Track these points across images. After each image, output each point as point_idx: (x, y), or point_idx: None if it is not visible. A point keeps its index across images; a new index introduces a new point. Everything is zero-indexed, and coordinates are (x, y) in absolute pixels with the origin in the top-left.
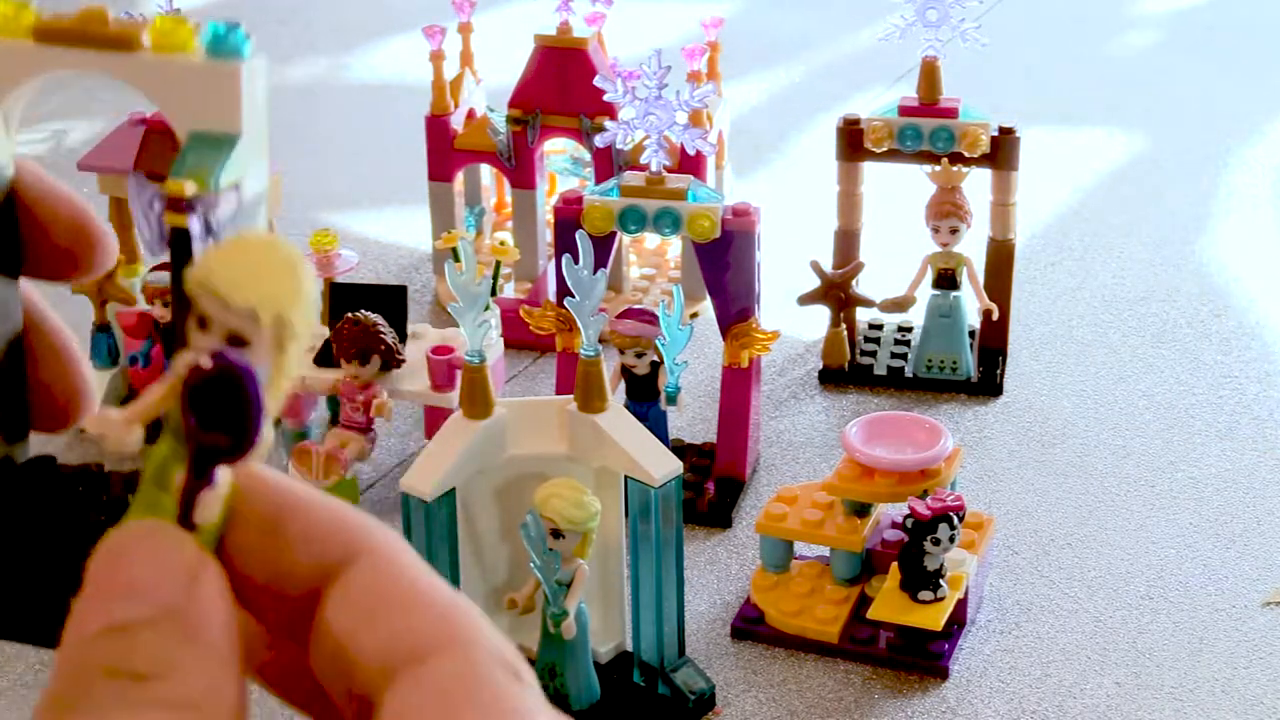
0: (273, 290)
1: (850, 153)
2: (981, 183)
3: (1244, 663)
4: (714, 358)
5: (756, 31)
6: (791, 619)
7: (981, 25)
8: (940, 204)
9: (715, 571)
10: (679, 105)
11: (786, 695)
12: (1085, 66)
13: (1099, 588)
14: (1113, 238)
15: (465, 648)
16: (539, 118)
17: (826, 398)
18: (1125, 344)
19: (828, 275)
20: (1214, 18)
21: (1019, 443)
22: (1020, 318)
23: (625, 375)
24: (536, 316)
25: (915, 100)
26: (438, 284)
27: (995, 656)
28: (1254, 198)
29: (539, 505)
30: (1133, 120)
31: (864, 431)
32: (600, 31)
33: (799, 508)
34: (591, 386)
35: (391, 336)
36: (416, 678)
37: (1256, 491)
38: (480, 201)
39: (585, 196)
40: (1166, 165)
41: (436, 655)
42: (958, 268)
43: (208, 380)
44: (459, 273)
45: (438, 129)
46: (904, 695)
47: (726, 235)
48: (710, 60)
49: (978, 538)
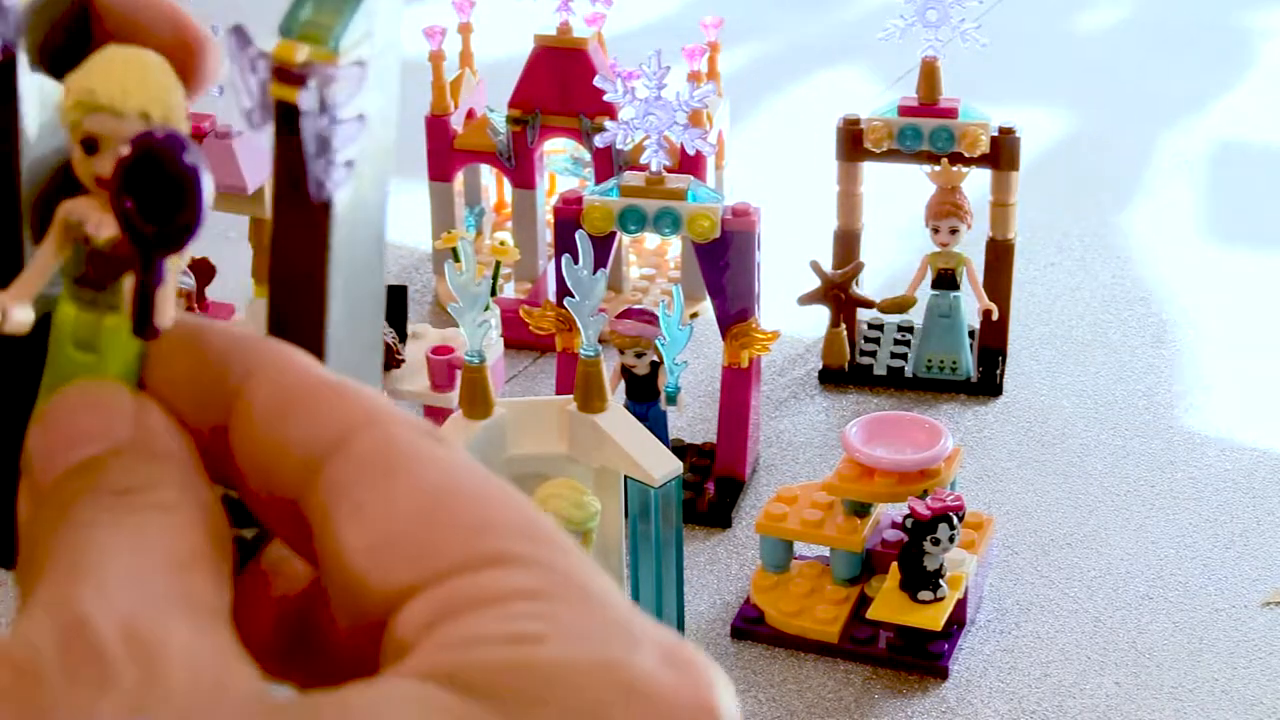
0: (155, 91)
1: (850, 153)
2: (981, 183)
3: (1244, 663)
4: (714, 358)
5: (757, 31)
6: (791, 619)
7: (981, 25)
8: (940, 204)
9: (715, 571)
10: (679, 105)
11: (786, 695)
12: (1085, 65)
13: (1099, 588)
14: (1112, 238)
15: (383, 424)
16: (539, 118)
17: (826, 398)
18: (1125, 344)
19: (828, 275)
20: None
21: (1019, 443)
22: (1020, 318)
23: (625, 375)
24: (536, 316)
25: (915, 100)
26: (438, 284)
27: (995, 656)
28: (1255, 198)
29: (539, 505)
30: (1133, 120)
31: (864, 431)
32: (600, 31)
33: (799, 508)
34: (591, 386)
35: (391, 336)
36: (344, 457)
37: (1256, 491)
38: (480, 201)
39: (585, 196)
40: (1167, 165)
41: (356, 434)
42: (957, 268)
43: (137, 161)
44: (459, 273)
45: (438, 129)
46: (904, 695)
47: (726, 235)
48: (710, 60)
49: (977, 538)
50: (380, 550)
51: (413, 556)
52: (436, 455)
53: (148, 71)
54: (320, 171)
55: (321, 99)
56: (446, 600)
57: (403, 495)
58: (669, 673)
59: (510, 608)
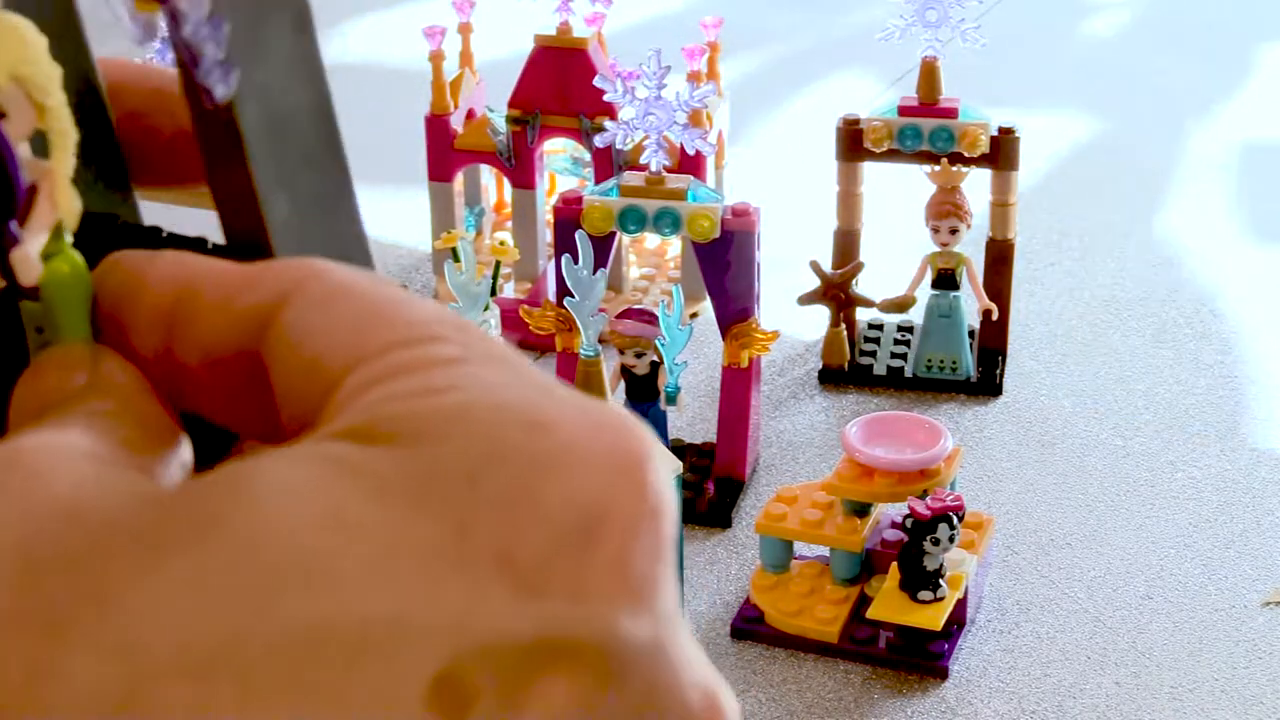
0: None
1: (850, 153)
2: (981, 183)
3: (1244, 663)
4: (714, 358)
5: (757, 31)
6: (791, 619)
7: (981, 25)
8: (940, 204)
9: (715, 571)
10: (679, 105)
11: (786, 695)
12: (1085, 65)
13: (1099, 588)
14: (1112, 238)
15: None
16: (539, 118)
17: (826, 398)
18: (1125, 344)
19: (828, 275)
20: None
21: (1019, 443)
22: (1020, 318)
23: (625, 375)
24: (536, 316)
25: (915, 100)
26: (438, 284)
27: (995, 656)
28: (1255, 197)
29: None
30: (1133, 120)
31: (864, 431)
32: (600, 31)
33: (799, 508)
34: (591, 386)
35: None
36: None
37: (1256, 491)
38: (480, 201)
39: (585, 196)
40: (1167, 165)
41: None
42: (957, 268)
43: None
44: (459, 273)
45: (438, 129)
46: (904, 695)
47: (726, 235)
48: (710, 60)
49: (977, 538)
50: (332, 342)
51: (354, 342)
52: (377, 281)
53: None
54: (202, 78)
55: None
56: (377, 370)
57: (351, 307)
58: (588, 416)
59: (430, 371)
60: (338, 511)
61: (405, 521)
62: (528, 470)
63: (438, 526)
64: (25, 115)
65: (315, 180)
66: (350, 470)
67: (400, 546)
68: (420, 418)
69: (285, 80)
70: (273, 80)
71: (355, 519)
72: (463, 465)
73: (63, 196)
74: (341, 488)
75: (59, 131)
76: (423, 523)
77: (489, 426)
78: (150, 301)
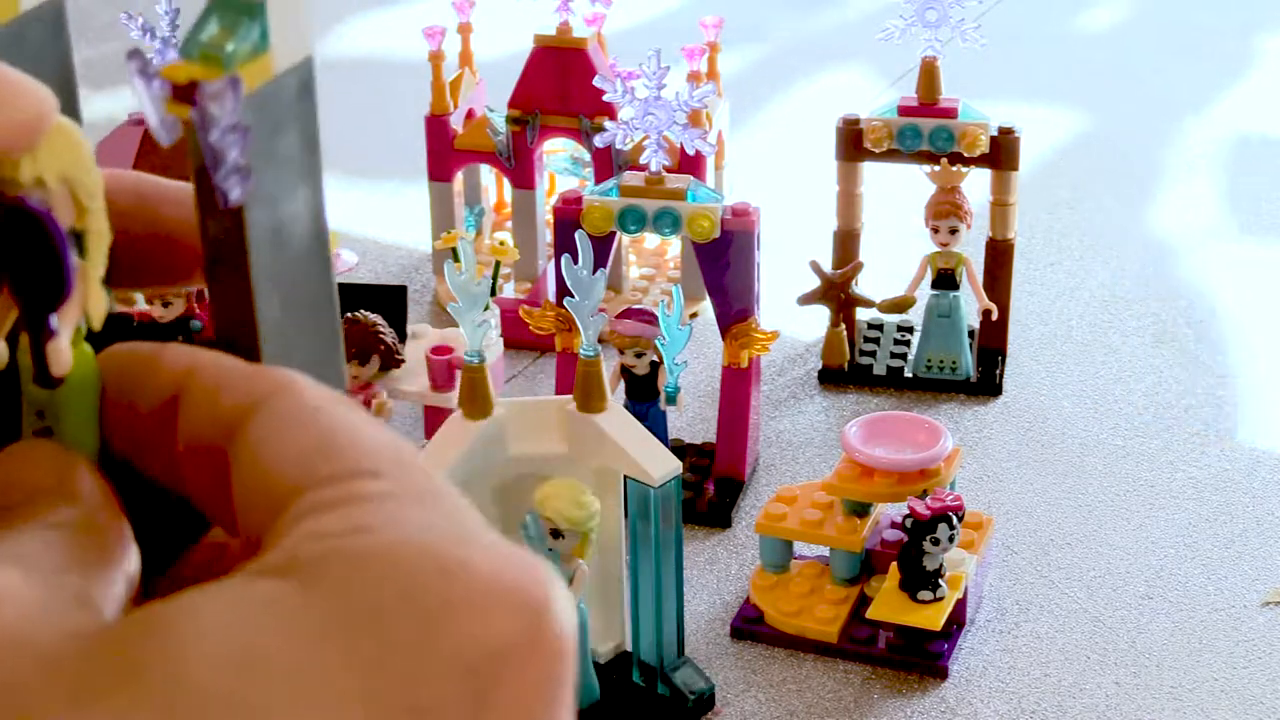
0: (50, 153)
1: (850, 153)
2: (981, 183)
3: (1243, 663)
4: (714, 358)
5: (757, 31)
6: (791, 619)
7: (981, 25)
8: (940, 204)
9: (715, 571)
10: (679, 105)
11: (786, 695)
12: (1084, 65)
13: (1098, 588)
14: (1112, 237)
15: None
16: (539, 118)
17: (826, 398)
18: (1125, 344)
19: (827, 275)
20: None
21: (1018, 443)
22: (1019, 318)
23: (625, 375)
24: (536, 316)
25: (915, 100)
26: (438, 284)
27: (995, 656)
28: (1256, 197)
29: (539, 505)
30: (1133, 120)
31: (863, 431)
32: (600, 31)
33: (798, 508)
34: (591, 386)
35: (391, 336)
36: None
37: (1256, 491)
38: (480, 201)
39: (585, 196)
40: (1168, 165)
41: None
42: (957, 268)
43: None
44: (459, 273)
45: (437, 129)
46: (903, 695)
47: (726, 235)
48: (710, 60)
49: (977, 538)
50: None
51: (303, 468)
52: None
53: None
54: (220, 180)
55: (206, 114)
56: (315, 501)
57: (308, 433)
58: (495, 561)
59: (360, 507)
60: (257, 653)
61: (318, 662)
62: (436, 614)
63: (348, 667)
64: (67, 214)
65: (304, 283)
66: (273, 610)
67: (313, 688)
68: (340, 558)
69: (290, 191)
70: (279, 191)
71: (273, 660)
72: (374, 607)
73: (95, 295)
74: (261, 629)
75: (97, 233)
76: (334, 663)
77: (404, 573)
78: (165, 374)
